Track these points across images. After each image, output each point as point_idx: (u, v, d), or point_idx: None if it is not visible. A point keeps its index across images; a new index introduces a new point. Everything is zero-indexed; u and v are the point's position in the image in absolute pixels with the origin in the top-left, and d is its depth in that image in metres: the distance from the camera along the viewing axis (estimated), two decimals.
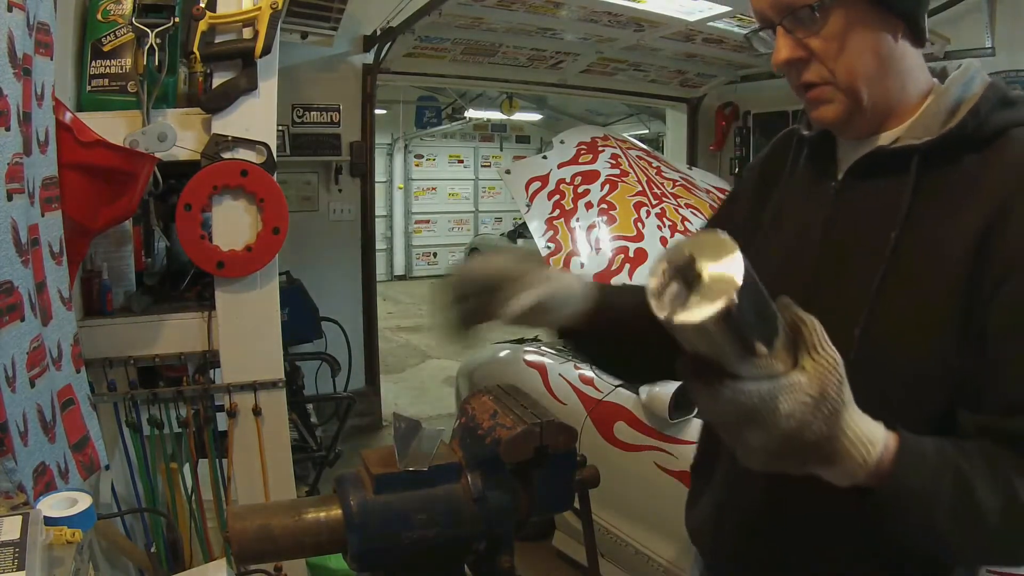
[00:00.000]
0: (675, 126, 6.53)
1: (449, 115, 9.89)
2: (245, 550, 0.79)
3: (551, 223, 3.15)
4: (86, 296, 2.10)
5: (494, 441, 0.85)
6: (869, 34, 0.85)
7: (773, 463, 0.69)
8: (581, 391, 2.94)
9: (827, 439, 0.68)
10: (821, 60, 0.86)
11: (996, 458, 0.75)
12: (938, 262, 0.82)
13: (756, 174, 1.12)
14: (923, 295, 0.83)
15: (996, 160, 0.83)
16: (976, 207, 0.81)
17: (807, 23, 0.85)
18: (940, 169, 0.85)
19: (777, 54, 0.89)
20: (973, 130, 0.85)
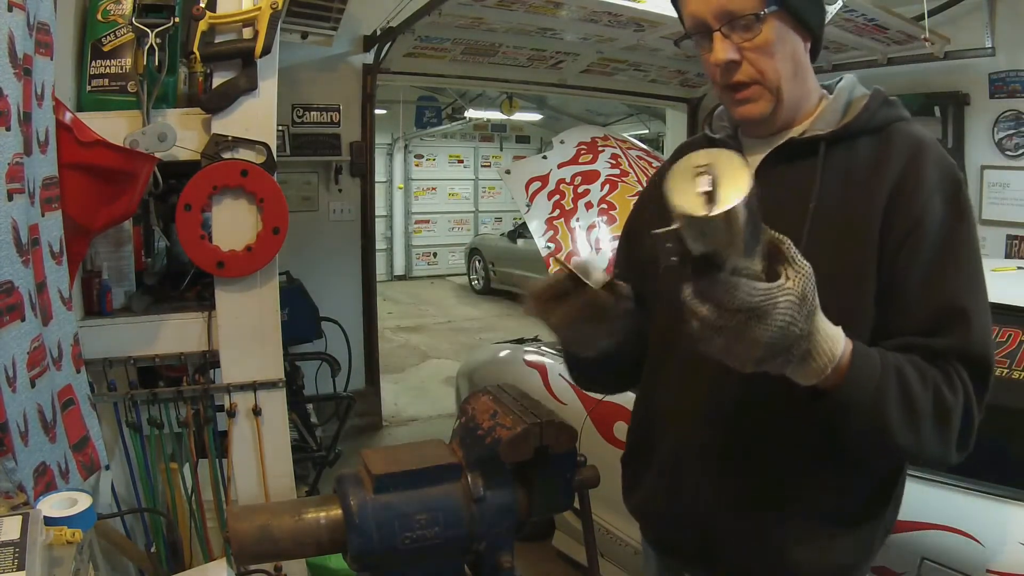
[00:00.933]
0: (675, 126, 6.52)
1: (449, 115, 9.88)
2: (245, 550, 0.79)
3: (551, 223, 3.14)
4: (86, 296, 2.10)
5: (494, 441, 0.85)
6: (790, 42, 1.03)
7: (764, 361, 0.81)
8: (581, 391, 2.94)
9: (808, 335, 0.82)
10: (752, 62, 1.02)
11: (922, 365, 0.95)
12: (851, 224, 1.01)
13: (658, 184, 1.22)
14: (842, 251, 1.01)
15: (887, 145, 1.04)
16: (878, 181, 1.01)
17: (745, 30, 1.00)
18: (841, 153, 1.05)
19: (715, 55, 1.02)
20: (866, 121, 1.06)
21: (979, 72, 4.10)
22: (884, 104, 1.08)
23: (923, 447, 0.95)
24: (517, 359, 3.44)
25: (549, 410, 0.90)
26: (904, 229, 0.99)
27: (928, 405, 0.92)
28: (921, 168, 1.01)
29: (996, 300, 1.71)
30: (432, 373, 6.54)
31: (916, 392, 0.92)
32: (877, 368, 0.91)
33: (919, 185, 1.00)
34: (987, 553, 1.51)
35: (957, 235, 0.99)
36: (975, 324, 0.96)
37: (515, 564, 0.89)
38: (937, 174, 1.01)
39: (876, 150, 1.04)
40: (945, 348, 0.96)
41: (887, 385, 0.91)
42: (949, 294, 0.97)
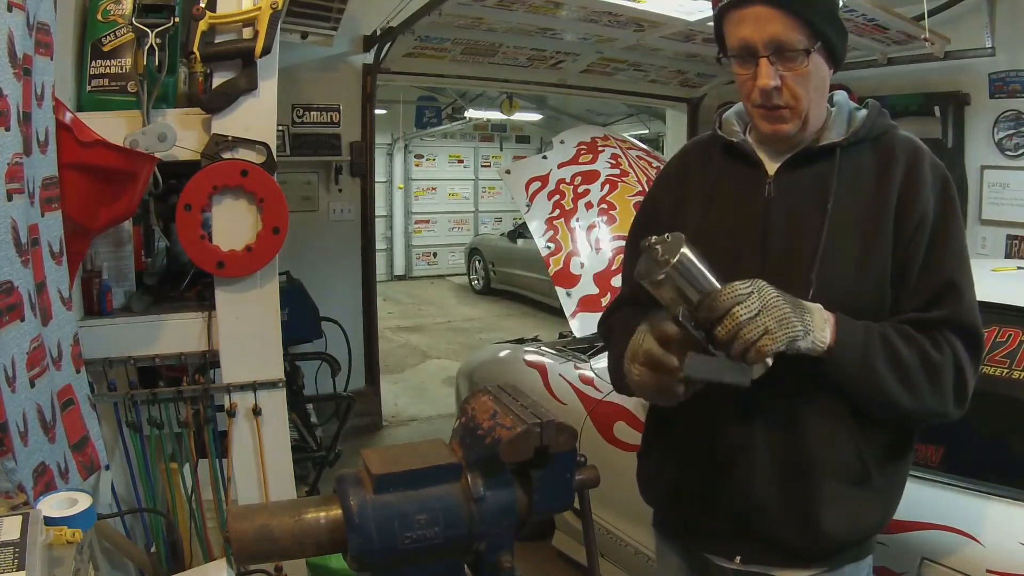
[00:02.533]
0: (675, 126, 6.52)
1: (449, 115, 9.88)
2: (245, 550, 0.79)
3: (551, 223, 3.14)
4: (86, 296, 2.10)
5: (494, 441, 0.84)
6: (822, 72, 1.17)
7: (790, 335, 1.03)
8: (581, 391, 2.94)
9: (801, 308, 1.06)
10: (790, 89, 1.15)
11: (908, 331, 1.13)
12: (866, 219, 1.18)
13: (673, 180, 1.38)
14: (858, 243, 1.17)
15: (890, 150, 1.21)
16: (885, 182, 1.19)
17: (791, 61, 1.13)
18: (852, 158, 1.22)
19: (762, 80, 1.14)
20: (868, 130, 1.22)
21: (979, 72, 4.10)
22: (880, 115, 1.25)
23: (920, 400, 1.11)
24: (517, 359, 3.44)
25: (549, 410, 0.90)
26: (912, 224, 1.16)
27: (915, 362, 1.10)
28: (921, 170, 1.19)
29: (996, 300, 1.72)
30: (432, 373, 6.54)
31: (902, 352, 1.10)
32: (860, 333, 1.10)
33: (921, 185, 1.17)
34: (987, 553, 1.51)
35: (948, 224, 1.17)
36: (964, 296, 1.15)
37: (515, 564, 0.89)
38: (932, 174, 1.19)
39: (879, 155, 1.21)
40: (935, 318, 1.13)
41: (872, 346, 1.09)
42: (944, 273, 1.15)
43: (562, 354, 3.27)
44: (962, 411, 1.14)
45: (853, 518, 1.18)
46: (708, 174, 1.30)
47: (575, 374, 3.03)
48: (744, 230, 1.23)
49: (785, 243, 1.20)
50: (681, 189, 1.34)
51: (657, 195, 1.41)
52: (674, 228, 1.24)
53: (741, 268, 1.14)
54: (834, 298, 1.13)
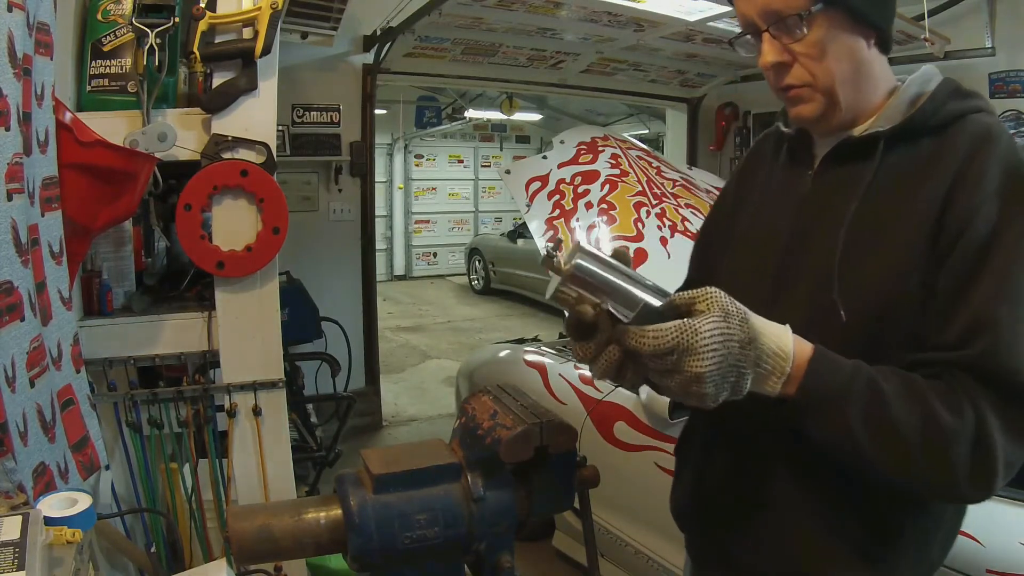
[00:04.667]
0: (675, 126, 6.52)
1: (449, 115, 9.89)
2: (245, 550, 0.79)
3: (551, 223, 3.14)
4: (86, 296, 2.10)
5: (494, 441, 0.84)
6: (846, 42, 0.95)
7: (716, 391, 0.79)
8: (581, 391, 2.94)
9: (750, 341, 0.80)
10: (803, 64, 0.96)
11: (915, 380, 0.86)
12: (899, 223, 0.93)
13: (739, 174, 1.23)
14: (881, 256, 0.93)
15: (953, 140, 0.94)
16: (936, 179, 0.92)
17: (792, 30, 0.94)
18: (901, 151, 0.97)
19: (763, 57, 0.98)
20: (930, 116, 0.96)
21: (979, 72, 4.09)
22: (954, 95, 0.98)
23: (911, 473, 0.85)
24: (517, 359, 3.44)
25: (549, 410, 0.90)
26: (953, 234, 0.88)
27: (911, 424, 0.83)
28: (982, 164, 0.90)
29: None
30: (432, 373, 6.54)
31: (892, 408, 0.83)
32: (842, 378, 0.85)
33: (976, 184, 0.89)
34: (987, 553, 1.51)
35: (1008, 238, 0.87)
36: (1002, 337, 0.84)
37: (515, 564, 0.89)
38: (999, 170, 0.89)
39: (938, 147, 0.94)
40: (957, 362, 0.85)
41: (850, 396, 0.84)
42: (979, 303, 0.85)
43: (562, 354, 3.27)
44: (987, 492, 0.85)
45: None
46: (771, 166, 1.15)
47: (575, 374, 3.03)
48: (775, 229, 1.06)
49: (803, 251, 1.01)
50: (744, 184, 1.19)
51: (726, 190, 1.27)
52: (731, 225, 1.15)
53: (757, 279, 1.03)
54: (861, 326, 0.92)
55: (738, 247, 1.12)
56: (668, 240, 3.14)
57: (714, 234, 1.22)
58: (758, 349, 0.81)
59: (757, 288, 0.99)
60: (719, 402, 0.81)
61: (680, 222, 3.24)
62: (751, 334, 0.81)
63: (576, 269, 0.79)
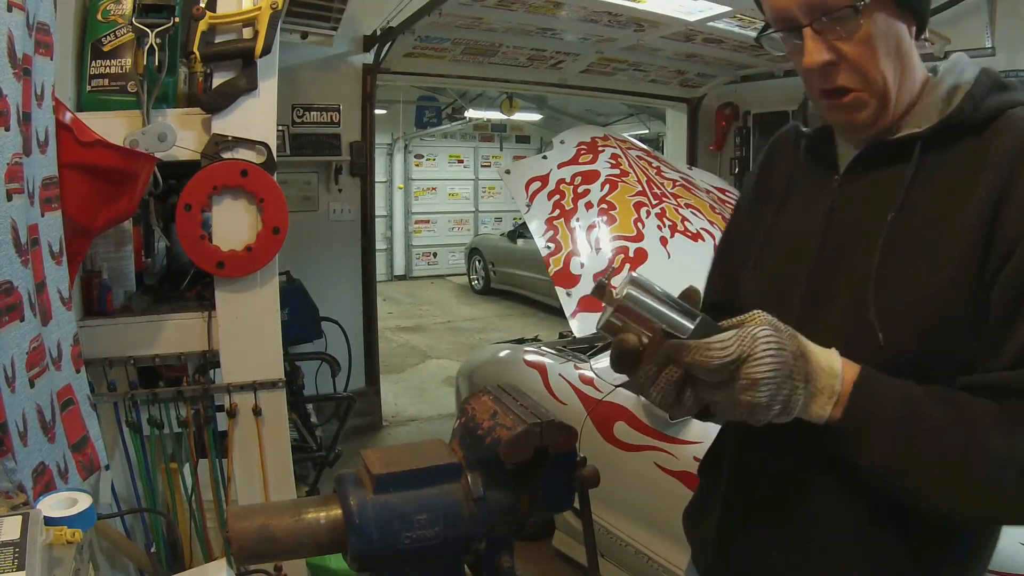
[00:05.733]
0: (675, 126, 6.53)
1: (449, 115, 9.89)
2: (245, 550, 0.79)
3: (551, 223, 3.14)
4: (86, 296, 2.10)
5: (494, 441, 0.84)
6: (894, 33, 0.86)
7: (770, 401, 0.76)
8: (581, 391, 2.94)
9: (802, 355, 0.78)
10: (852, 63, 0.85)
11: (964, 402, 0.79)
12: (942, 238, 0.84)
13: (755, 178, 1.14)
14: (924, 271, 0.85)
15: (997, 139, 0.85)
16: (981, 183, 0.83)
17: (844, 25, 0.83)
18: (941, 153, 0.87)
19: (809, 56, 0.86)
20: (970, 113, 0.87)
21: None
22: (994, 89, 0.89)
23: (958, 503, 0.80)
24: (517, 359, 3.44)
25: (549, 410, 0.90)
26: (1006, 251, 0.80)
27: (960, 451, 0.77)
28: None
29: None
30: (432, 373, 6.54)
31: (941, 436, 0.78)
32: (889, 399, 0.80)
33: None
34: None
35: None
36: None
37: (515, 564, 0.89)
38: None
39: (980, 147, 0.85)
40: (1011, 384, 0.78)
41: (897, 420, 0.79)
42: None
43: (562, 354, 3.27)
44: None
45: None
46: (790, 168, 1.05)
47: (575, 374, 3.03)
48: (803, 243, 0.97)
49: (836, 266, 0.93)
50: (762, 188, 1.10)
51: (743, 196, 1.18)
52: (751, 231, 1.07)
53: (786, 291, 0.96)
54: (901, 348, 0.85)
55: (761, 262, 1.04)
56: (668, 240, 3.14)
57: (735, 247, 1.13)
58: (808, 364, 0.78)
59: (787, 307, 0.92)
60: (769, 418, 0.78)
61: (680, 222, 3.24)
62: (801, 348, 0.78)
63: (627, 299, 0.79)
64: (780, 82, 5.46)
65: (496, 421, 0.87)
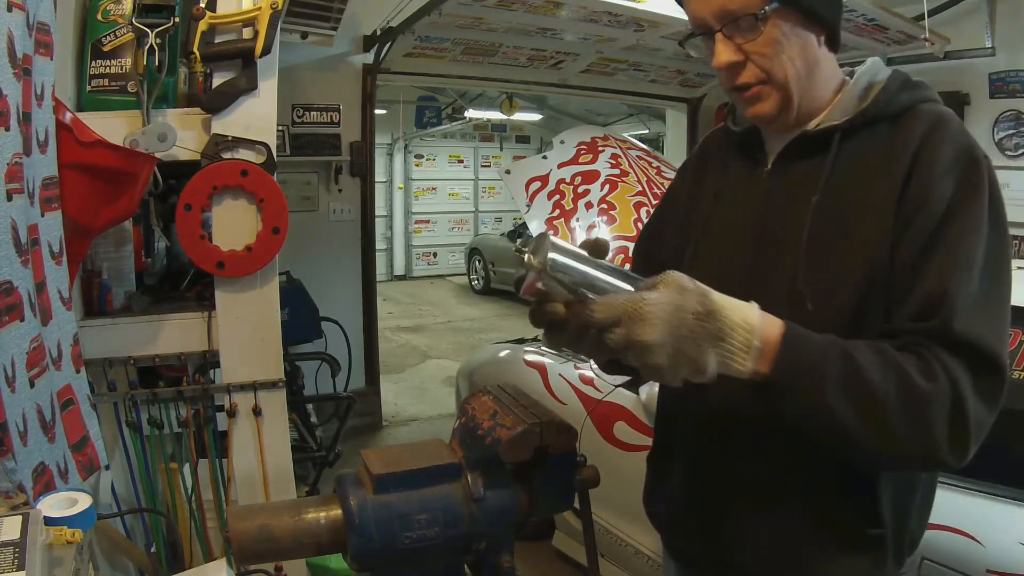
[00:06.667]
0: (675, 126, 6.53)
1: (449, 115, 9.89)
2: (245, 550, 0.79)
3: (551, 223, 3.14)
4: (86, 296, 2.10)
5: (494, 441, 0.84)
6: (799, 40, 0.97)
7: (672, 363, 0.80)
8: (581, 391, 2.94)
9: (708, 313, 0.81)
10: (757, 62, 0.97)
11: (885, 349, 0.86)
12: (862, 216, 0.95)
13: (691, 174, 1.24)
14: (848, 247, 0.95)
15: (907, 129, 0.97)
16: (893, 167, 0.95)
17: (747, 30, 0.96)
18: (858, 142, 1.00)
19: (717, 57, 0.98)
20: (884, 106, 0.99)
21: (979, 72, 4.10)
22: (905, 86, 1.01)
23: (891, 442, 0.84)
24: (517, 359, 3.44)
25: (549, 410, 0.90)
26: (910, 212, 0.92)
27: (889, 391, 0.83)
28: (935, 149, 0.93)
29: None
30: (432, 373, 6.54)
31: (869, 376, 0.83)
32: (815, 351, 0.85)
33: (932, 162, 0.92)
34: (987, 553, 1.51)
35: (960, 213, 0.90)
36: (959, 305, 0.86)
37: (515, 564, 0.89)
38: (951, 151, 0.93)
39: (894, 136, 0.97)
40: (922, 331, 0.87)
41: (826, 368, 0.84)
42: (934, 275, 0.88)
43: (562, 354, 3.26)
44: (964, 457, 0.86)
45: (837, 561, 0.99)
46: (722, 165, 1.16)
47: (575, 374, 3.03)
48: (739, 231, 1.08)
49: (770, 247, 1.03)
50: (697, 183, 1.20)
51: (675, 187, 1.28)
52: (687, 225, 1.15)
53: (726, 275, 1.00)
54: (831, 314, 0.93)
55: (700, 252, 1.11)
56: None
57: (664, 231, 1.22)
58: (719, 322, 0.81)
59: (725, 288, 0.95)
60: (680, 379, 0.81)
61: None
62: (709, 307, 0.81)
63: (549, 264, 0.79)
64: None
65: (496, 421, 0.87)
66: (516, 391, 0.96)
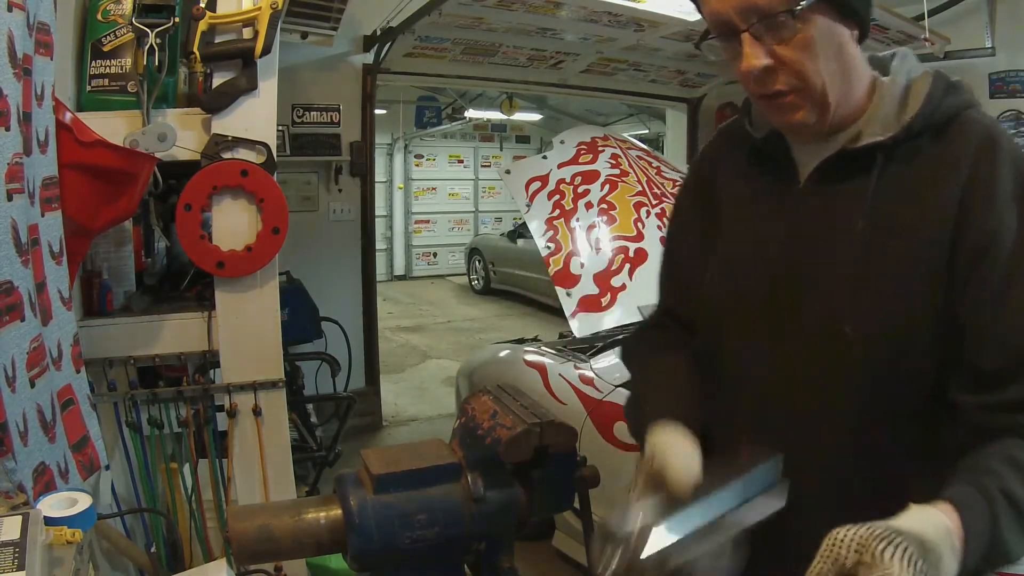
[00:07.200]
0: (675, 126, 6.53)
1: (449, 115, 9.89)
2: (245, 550, 0.79)
3: (551, 223, 3.14)
4: (86, 296, 2.10)
5: (494, 441, 0.85)
6: (836, 37, 0.85)
7: None
8: (581, 391, 2.94)
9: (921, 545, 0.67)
10: (791, 67, 0.85)
11: (1017, 460, 0.77)
12: (911, 246, 0.85)
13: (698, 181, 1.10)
14: (899, 280, 0.85)
15: (954, 144, 0.86)
16: (944, 190, 0.85)
17: (781, 30, 0.83)
18: (903, 159, 0.88)
19: (746, 61, 0.85)
20: (929, 116, 0.88)
21: (979, 72, 4.10)
22: (948, 91, 0.90)
23: None
24: (517, 359, 3.44)
25: (549, 410, 0.90)
26: (976, 249, 0.82)
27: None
28: (994, 170, 0.84)
29: None
30: (432, 373, 6.54)
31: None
32: (984, 515, 0.74)
33: (992, 192, 0.83)
34: None
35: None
36: None
37: (515, 564, 0.89)
38: (1010, 176, 0.83)
39: (940, 152, 0.87)
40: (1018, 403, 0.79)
41: (999, 522, 0.74)
42: (1017, 328, 0.80)
43: (562, 354, 3.26)
44: None
45: None
46: (741, 174, 1.02)
47: (575, 374, 3.03)
48: (764, 251, 0.95)
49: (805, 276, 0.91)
50: (711, 196, 1.06)
51: (683, 205, 1.14)
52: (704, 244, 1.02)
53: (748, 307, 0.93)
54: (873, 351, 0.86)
55: (721, 270, 1.01)
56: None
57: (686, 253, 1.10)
58: (926, 546, 0.68)
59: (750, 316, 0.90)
60: None
61: None
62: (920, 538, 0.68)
63: None
64: None
65: (496, 421, 0.87)
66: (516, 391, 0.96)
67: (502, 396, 0.94)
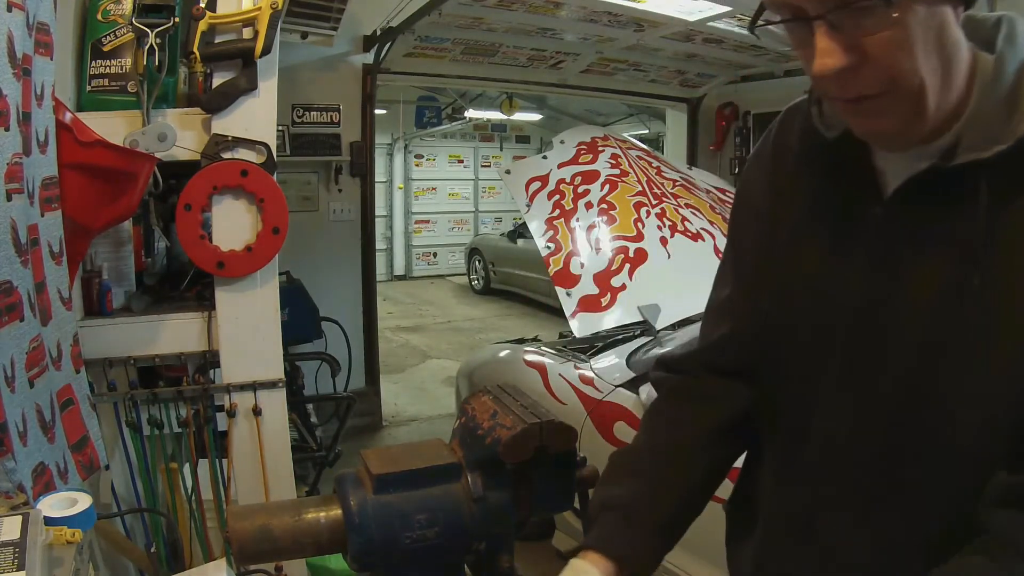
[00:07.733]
0: (675, 126, 6.53)
1: (449, 115, 9.90)
2: (245, 550, 0.79)
3: (551, 223, 3.14)
4: (86, 296, 2.10)
5: (494, 441, 0.84)
6: (936, 25, 0.65)
7: None
8: (581, 391, 2.94)
9: None
10: (880, 64, 0.65)
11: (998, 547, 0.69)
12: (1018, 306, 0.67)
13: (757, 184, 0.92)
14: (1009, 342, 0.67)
15: None
16: None
17: (868, 18, 0.63)
18: (1016, 183, 0.67)
19: (822, 60, 0.65)
20: None
21: None
22: None
23: None
24: (517, 359, 3.44)
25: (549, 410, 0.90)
26: None
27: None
28: None
29: None
30: (432, 373, 6.54)
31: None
32: None
33: None
34: None
35: None
36: None
37: (515, 564, 0.89)
38: None
39: None
40: None
41: None
42: None
43: (562, 354, 3.26)
44: None
45: None
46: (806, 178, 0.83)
47: (575, 374, 3.03)
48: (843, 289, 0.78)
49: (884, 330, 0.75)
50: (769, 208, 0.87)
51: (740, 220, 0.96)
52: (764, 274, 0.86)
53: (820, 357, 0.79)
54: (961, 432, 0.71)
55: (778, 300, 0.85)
56: (668, 240, 3.14)
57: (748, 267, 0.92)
58: None
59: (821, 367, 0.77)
60: None
61: (680, 222, 3.24)
62: None
63: None
64: (781, 82, 5.46)
65: (496, 421, 0.87)
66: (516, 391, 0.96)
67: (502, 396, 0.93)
